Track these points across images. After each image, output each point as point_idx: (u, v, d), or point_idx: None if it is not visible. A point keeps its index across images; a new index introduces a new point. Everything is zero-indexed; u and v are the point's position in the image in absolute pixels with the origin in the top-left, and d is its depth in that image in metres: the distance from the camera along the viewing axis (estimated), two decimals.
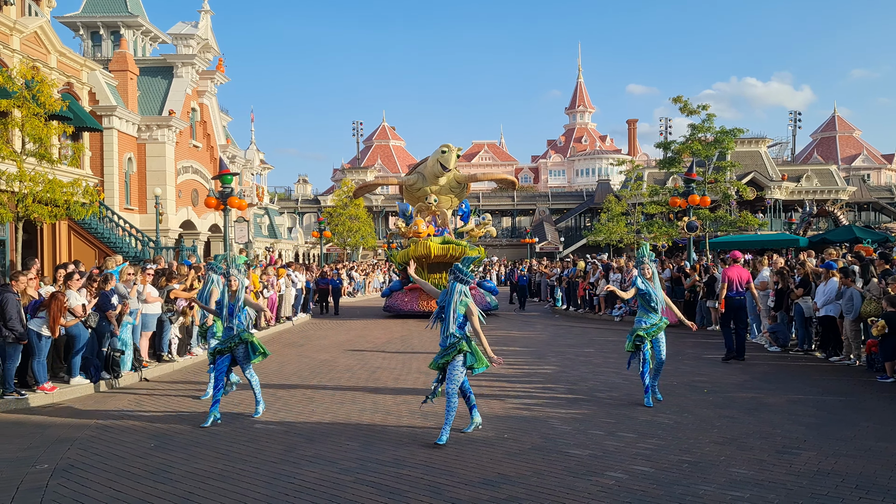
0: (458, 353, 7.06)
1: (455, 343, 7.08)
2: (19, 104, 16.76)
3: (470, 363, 7.08)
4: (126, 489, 5.77)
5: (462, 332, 7.11)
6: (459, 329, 7.10)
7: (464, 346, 7.07)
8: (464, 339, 7.08)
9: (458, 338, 7.08)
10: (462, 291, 7.12)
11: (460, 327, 7.11)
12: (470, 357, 7.08)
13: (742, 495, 5.40)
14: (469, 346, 7.08)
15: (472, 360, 7.09)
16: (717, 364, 11.89)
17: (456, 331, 7.09)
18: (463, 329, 7.12)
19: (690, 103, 28.63)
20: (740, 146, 47.53)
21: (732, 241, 32.00)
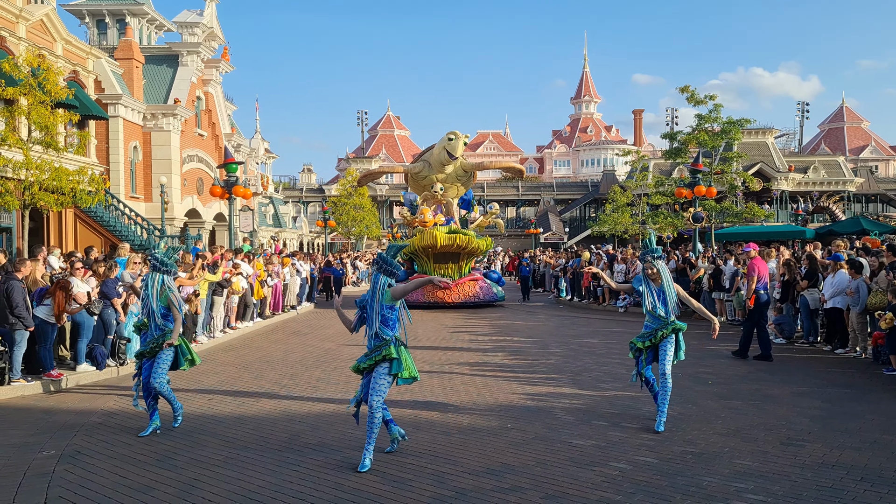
0: (384, 359, 6.05)
1: (380, 346, 6.08)
2: (25, 92, 16.79)
3: (395, 370, 6.04)
4: (132, 475, 5.81)
5: (391, 332, 6.11)
6: (384, 327, 6.08)
7: (391, 350, 6.04)
8: (392, 343, 6.07)
9: (385, 340, 6.08)
10: (386, 284, 6.12)
11: (386, 325, 6.09)
12: (396, 364, 6.05)
13: (746, 487, 5.40)
14: (396, 351, 6.05)
15: (399, 367, 6.04)
16: (720, 356, 11.87)
17: (380, 330, 6.08)
18: (393, 329, 6.12)
19: (697, 93, 28.42)
20: (747, 137, 47.29)
21: (738, 232, 31.90)
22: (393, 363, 6.06)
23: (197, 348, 12.95)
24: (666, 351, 7.23)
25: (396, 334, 6.15)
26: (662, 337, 7.27)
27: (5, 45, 19.73)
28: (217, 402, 8.62)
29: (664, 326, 7.26)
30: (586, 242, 49.06)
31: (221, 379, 10.14)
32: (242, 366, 11.26)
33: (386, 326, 6.09)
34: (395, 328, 6.14)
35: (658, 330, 7.28)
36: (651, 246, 7.47)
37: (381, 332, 6.08)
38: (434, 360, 11.58)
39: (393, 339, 6.10)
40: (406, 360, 6.11)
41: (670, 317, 7.26)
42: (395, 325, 6.16)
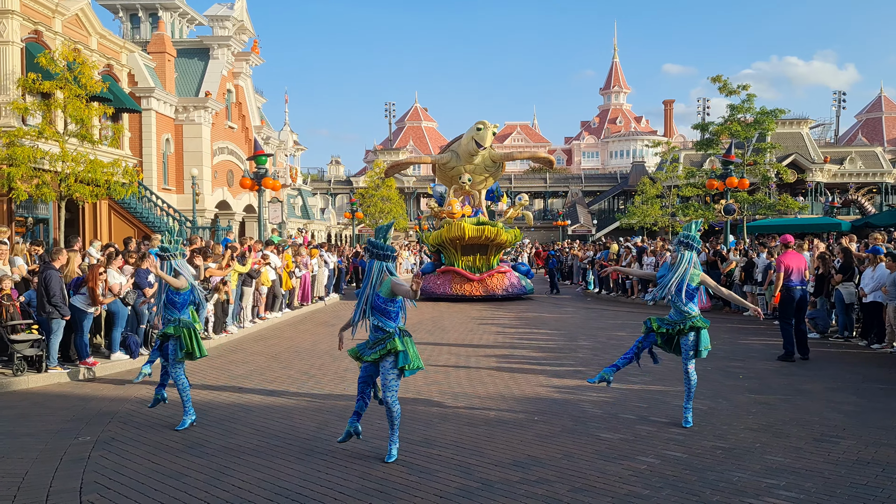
0: (388, 353, 5.84)
1: (384, 339, 5.87)
2: (62, 86, 17.15)
3: (402, 364, 5.82)
4: (164, 462, 5.92)
5: (394, 324, 5.88)
6: (385, 319, 5.86)
7: (396, 343, 5.81)
8: (396, 335, 5.84)
9: (388, 332, 5.86)
10: (382, 269, 5.85)
11: (388, 317, 5.87)
12: (402, 357, 5.83)
13: (778, 483, 5.32)
14: (402, 344, 5.84)
15: (405, 360, 5.82)
16: (751, 349, 11.70)
17: (382, 322, 5.87)
18: (396, 320, 5.89)
19: (730, 83, 27.93)
20: (781, 127, 46.36)
21: (771, 224, 31.35)
22: (399, 356, 5.84)
23: (227, 338, 13.14)
24: (686, 350, 6.96)
25: (401, 325, 5.93)
26: (680, 332, 6.98)
27: (42, 39, 20.12)
28: (247, 391, 8.74)
29: (683, 321, 6.97)
30: (615, 235, 48.65)
31: (251, 368, 10.27)
32: (272, 356, 11.39)
33: (388, 318, 5.87)
34: (398, 319, 5.91)
35: (677, 324, 7.01)
36: (691, 232, 7.15)
37: (383, 324, 5.86)
38: (461, 352, 11.59)
39: (397, 331, 5.88)
40: (411, 351, 5.92)
41: (692, 311, 6.96)
42: (399, 315, 5.92)
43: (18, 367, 9.21)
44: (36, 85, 17.26)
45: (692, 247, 7.07)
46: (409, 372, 5.94)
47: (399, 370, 5.87)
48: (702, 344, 6.96)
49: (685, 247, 7.06)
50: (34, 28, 19.84)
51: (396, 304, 5.87)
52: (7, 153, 16.55)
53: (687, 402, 6.99)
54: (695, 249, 7.07)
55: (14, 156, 16.41)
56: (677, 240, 7.14)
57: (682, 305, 6.98)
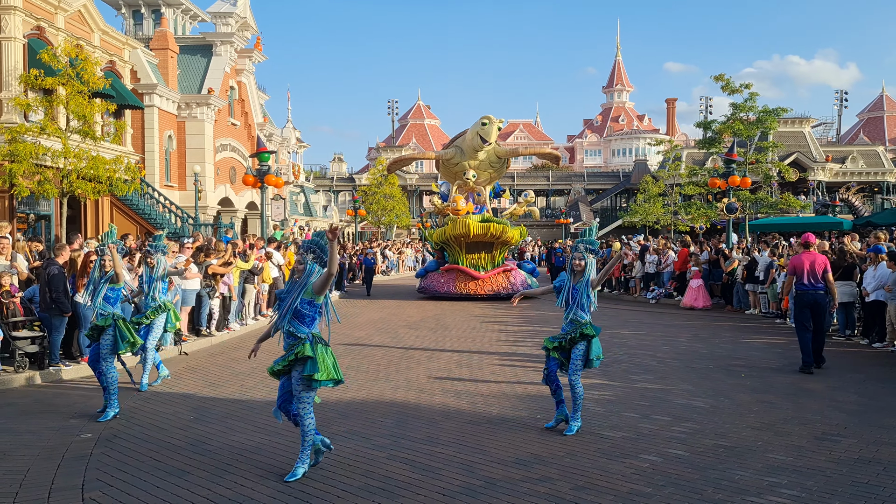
0: (297, 360, 5.42)
1: (294, 345, 5.44)
2: (64, 82, 17.15)
3: (310, 371, 5.34)
4: (166, 459, 5.92)
5: (307, 329, 5.44)
6: (297, 323, 5.42)
7: (305, 349, 5.38)
8: (307, 341, 5.43)
9: (299, 338, 5.42)
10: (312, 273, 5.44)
11: (301, 321, 5.43)
12: (311, 364, 5.36)
13: (780, 481, 5.32)
14: (312, 350, 5.39)
15: (314, 368, 5.34)
16: (753, 348, 11.69)
17: (294, 327, 5.42)
18: (310, 325, 5.46)
19: (733, 82, 27.88)
20: (783, 126, 46.34)
21: (773, 223, 31.32)
22: (308, 363, 5.36)
23: (229, 335, 13.15)
24: (574, 360, 6.59)
25: (315, 331, 5.49)
26: (572, 342, 6.60)
27: (44, 35, 20.13)
28: (249, 388, 8.74)
29: (574, 330, 6.58)
30: (617, 233, 48.62)
31: (253, 366, 10.25)
32: (274, 353, 11.29)
33: (301, 323, 5.42)
34: (312, 325, 5.47)
35: (569, 334, 6.61)
36: (590, 236, 6.90)
37: (295, 329, 5.41)
38: (463, 349, 11.60)
39: (309, 337, 5.43)
40: (324, 360, 5.39)
41: (583, 318, 6.55)
42: (315, 321, 5.48)
43: (20, 363, 9.22)
44: (38, 81, 17.26)
45: (597, 252, 6.85)
46: (320, 384, 5.39)
47: (307, 379, 5.37)
48: (592, 353, 6.58)
49: (592, 253, 6.69)
50: (36, 24, 19.84)
51: (315, 307, 5.46)
52: (9, 149, 16.56)
53: (574, 415, 6.61)
54: (597, 255, 6.87)
55: (16, 152, 16.43)
56: (584, 247, 6.69)
57: (573, 314, 6.58)
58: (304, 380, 5.40)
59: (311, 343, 5.44)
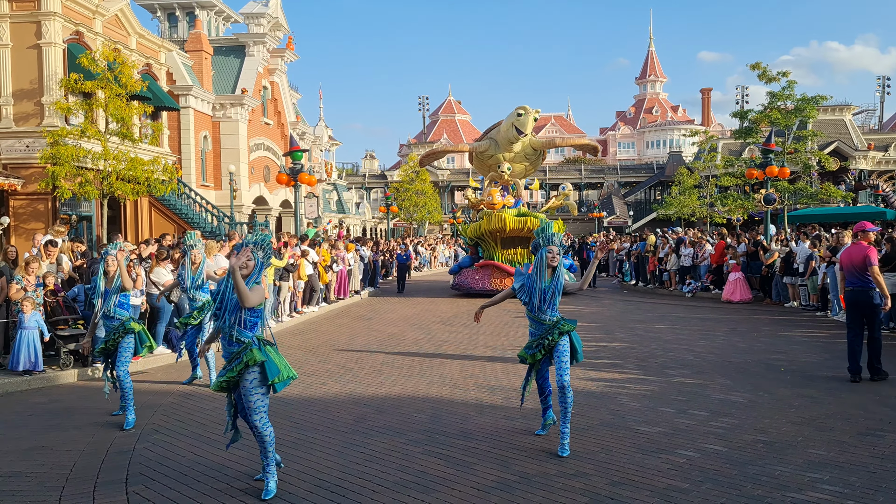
0: (247, 366, 4.98)
1: (240, 352, 5.01)
2: (103, 85, 17.55)
3: (272, 377, 4.97)
4: (206, 454, 6.04)
5: (250, 333, 5.03)
6: (241, 329, 5.01)
7: (254, 354, 4.96)
8: (253, 345, 5.01)
9: (244, 343, 5.01)
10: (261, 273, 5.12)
11: (244, 326, 5.01)
12: (269, 368, 4.98)
13: (821, 477, 5.21)
14: (262, 353, 5.00)
15: (274, 371, 4.98)
16: (793, 342, 11.45)
17: (238, 332, 5.01)
18: (254, 329, 5.05)
19: (769, 70, 27.34)
20: (823, 114, 45.19)
21: (813, 214, 30.64)
22: (265, 367, 4.99)
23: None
24: (561, 359, 5.96)
25: (259, 334, 5.09)
26: (552, 343, 6.02)
27: (83, 40, 20.59)
28: None
29: (550, 331, 6.02)
30: (651, 226, 48.03)
31: (289, 362, 10.37)
32: (309, 349, 11.53)
33: (244, 328, 5.02)
34: (256, 328, 5.07)
35: (544, 336, 6.03)
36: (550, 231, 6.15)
37: (239, 333, 5.01)
38: (496, 344, 11.58)
39: (254, 341, 5.04)
40: (278, 360, 5.06)
41: (554, 317, 6.02)
42: (258, 324, 5.08)
43: (65, 361, 9.48)
44: (78, 85, 17.67)
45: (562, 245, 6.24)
46: (281, 385, 5.06)
47: (267, 386, 5.03)
48: (577, 348, 6.14)
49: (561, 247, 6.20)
50: (75, 29, 20.31)
51: (256, 311, 5.05)
52: (51, 152, 17.00)
53: (564, 426, 5.89)
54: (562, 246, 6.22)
55: (58, 155, 16.85)
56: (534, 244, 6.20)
57: (541, 314, 6.03)
58: (259, 386, 5.00)
59: (257, 347, 5.04)
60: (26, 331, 9.06)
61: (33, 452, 6.20)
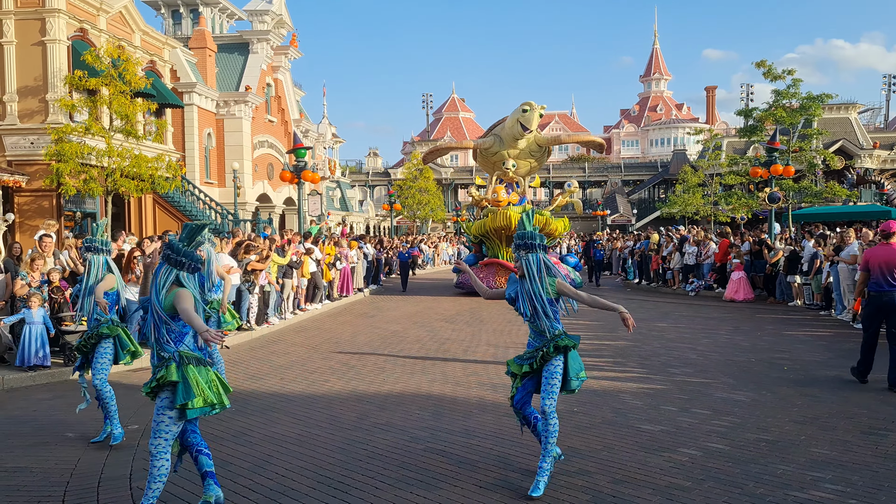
0: (161, 385, 4.48)
1: (158, 367, 4.55)
2: (107, 82, 17.60)
3: (181, 401, 4.37)
4: (210, 449, 6.04)
5: (172, 347, 4.52)
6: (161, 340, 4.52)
7: (170, 372, 4.41)
8: (173, 361, 4.47)
9: (163, 358, 4.52)
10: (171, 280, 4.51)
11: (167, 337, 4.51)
12: (181, 391, 4.38)
13: (824, 476, 5.21)
14: (179, 373, 4.42)
15: (186, 395, 4.37)
16: (797, 341, 11.44)
17: (162, 345, 4.52)
18: (178, 342, 4.54)
19: (774, 68, 27.25)
20: (828, 112, 45.06)
21: (817, 212, 30.55)
22: (177, 390, 4.39)
23: (268, 329, 13.36)
24: (549, 380, 5.02)
25: (183, 349, 4.54)
26: (544, 359, 5.10)
27: (87, 37, 20.63)
28: (289, 381, 8.88)
29: (545, 344, 5.12)
30: (655, 224, 47.97)
31: (292, 359, 10.44)
32: (312, 346, 11.55)
33: (166, 341, 4.51)
34: (180, 342, 4.55)
35: (539, 349, 5.15)
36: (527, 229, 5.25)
37: (160, 347, 4.53)
38: (499, 343, 11.59)
39: (175, 357, 4.48)
40: (196, 382, 4.41)
41: (555, 329, 5.13)
42: (185, 337, 4.58)
43: (70, 357, 9.51)
44: (82, 82, 17.73)
45: (534, 247, 5.18)
46: (195, 412, 4.41)
47: (178, 410, 4.41)
48: (571, 370, 5.10)
49: (527, 249, 5.17)
50: (80, 26, 20.34)
51: (180, 322, 4.54)
52: (56, 149, 17.05)
53: (544, 458, 4.99)
54: (541, 248, 5.20)
55: (62, 152, 16.92)
56: (515, 244, 5.30)
57: (540, 324, 5.16)
58: (169, 409, 4.45)
59: (177, 364, 4.47)
60: (33, 326, 9.11)
61: (38, 448, 6.23)
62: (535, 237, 5.19)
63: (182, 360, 4.48)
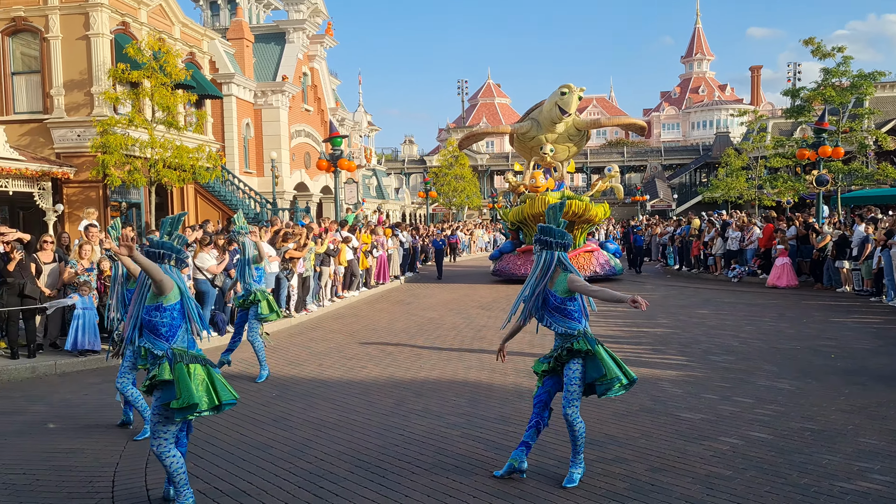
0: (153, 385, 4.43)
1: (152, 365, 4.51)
2: (149, 75, 17.91)
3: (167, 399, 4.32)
4: (251, 434, 6.17)
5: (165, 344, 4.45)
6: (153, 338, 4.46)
7: (162, 371, 4.34)
8: (167, 359, 4.41)
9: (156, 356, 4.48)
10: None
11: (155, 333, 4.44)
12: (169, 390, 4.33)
13: (872, 466, 5.07)
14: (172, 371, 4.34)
15: (172, 394, 4.29)
16: (845, 328, 11.12)
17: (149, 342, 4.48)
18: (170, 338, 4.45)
19: (824, 45, 26.33)
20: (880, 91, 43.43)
21: (867, 195, 29.59)
22: (165, 390, 4.32)
23: (307, 316, 13.52)
24: (567, 387, 4.84)
25: (176, 345, 4.43)
26: (558, 361, 4.92)
27: (129, 30, 21.00)
28: (327, 367, 8.99)
29: (562, 346, 4.94)
30: (696, 209, 47.07)
31: (330, 346, 10.55)
32: (350, 333, 11.66)
33: (157, 336, 4.43)
34: (173, 338, 4.43)
35: (557, 350, 4.97)
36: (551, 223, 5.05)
37: (151, 344, 4.45)
38: (532, 329, 11.50)
39: (168, 354, 4.39)
40: (185, 383, 4.27)
41: (574, 329, 4.90)
42: (177, 332, 4.44)
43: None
44: (125, 75, 18.06)
45: (552, 244, 4.97)
46: (181, 413, 4.30)
47: (171, 411, 4.30)
48: (597, 371, 4.84)
49: (543, 245, 4.99)
50: (121, 20, 20.72)
51: (167, 312, 4.44)
52: (101, 141, 17.45)
53: (575, 456, 4.92)
54: (559, 247, 4.97)
55: (108, 143, 17.29)
56: (535, 238, 5.10)
57: (557, 325, 4.96)
58: (161, 409, 4.35)
59: (171, 363, 4.36)
60: (85, 312, 9.39)
61: (90, 430, 6.44)
62: (556, 234, 4.96)
63: (175, 357, 4.39)
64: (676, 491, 4.71)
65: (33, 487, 5.08)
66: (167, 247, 4.51)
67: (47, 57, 19.54)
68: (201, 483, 5.06)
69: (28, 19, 19.38)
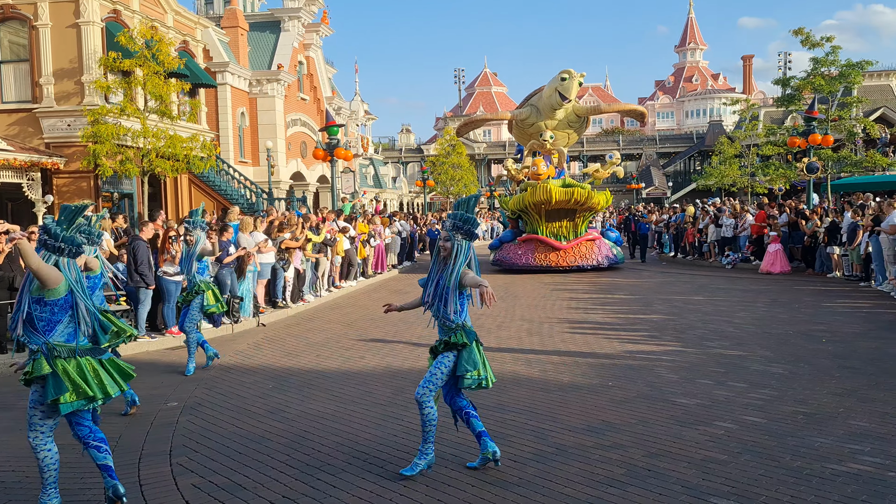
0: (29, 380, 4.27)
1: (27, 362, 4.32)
2: (141, 63, 17.76)
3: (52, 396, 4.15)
4: (248, 426, 6.19)
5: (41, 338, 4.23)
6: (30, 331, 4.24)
7: (39, 365, 4.17)
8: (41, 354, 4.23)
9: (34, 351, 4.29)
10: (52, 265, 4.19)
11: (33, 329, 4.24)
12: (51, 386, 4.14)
13: (862, 448, 5.13)
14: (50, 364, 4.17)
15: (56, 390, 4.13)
16: (836, 312, 11.20)
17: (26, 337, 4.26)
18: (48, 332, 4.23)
19: (813, 35, 26.40)
20: (868, 80, 43.52)
21: (857, 182, 29.71)
22: (47, 384, 4.14)
23: (304, 307, 13.53)
24: (431, 369, 4.93)
25: (51, 340, 4.23)
26: (434, 352, 5.04)
27: (120, 18, 20.82)
28: (325, 357, 9.01)
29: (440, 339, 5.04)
30: (691, 197, 47.16)
31: (328, 336, 10.57)
32: (347, 323, 11.68)
33: (33, 330, 4.22)
34: (51, 332, 4.23)
35: (440, 342, 5.04)
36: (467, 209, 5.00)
37: (28, 338, 4.25)
38: (533, 317, 11.58)
39: (44, 349, 4.20)
40: (69, 376, 4.14)
41: (452, 322, 4.95)
42: (56, 327, 4.25)
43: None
44: (117, 63, 17.91)
45: (474, 235, 5.00)
46: (67, 406, 4.14)
47: (49, 405, 4.16)
48: (460, 367, 4.89)
49: (465, 235, 4.95)
50: (113, 7, 20.53)
51: (51, 306, 4.24)
52: (92, 131, 17.32)
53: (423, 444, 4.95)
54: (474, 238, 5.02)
55: (99, 133, 17.16)
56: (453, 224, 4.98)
57: (441, 314, 5.02)
58: (39, 404, 4.22)
59: (47, 357, 4.18)
60: None
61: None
62: (477, 225, 4.97)
63: (51, 353, 4.21)
64: (673, 476, 4.76)
65: (23, 485, 5.02)
66: (66, 240, 4.27)
67: (36, 45, 19.35)
68: (196, 477, 5.07)
69: (17, 7, 19.16)
